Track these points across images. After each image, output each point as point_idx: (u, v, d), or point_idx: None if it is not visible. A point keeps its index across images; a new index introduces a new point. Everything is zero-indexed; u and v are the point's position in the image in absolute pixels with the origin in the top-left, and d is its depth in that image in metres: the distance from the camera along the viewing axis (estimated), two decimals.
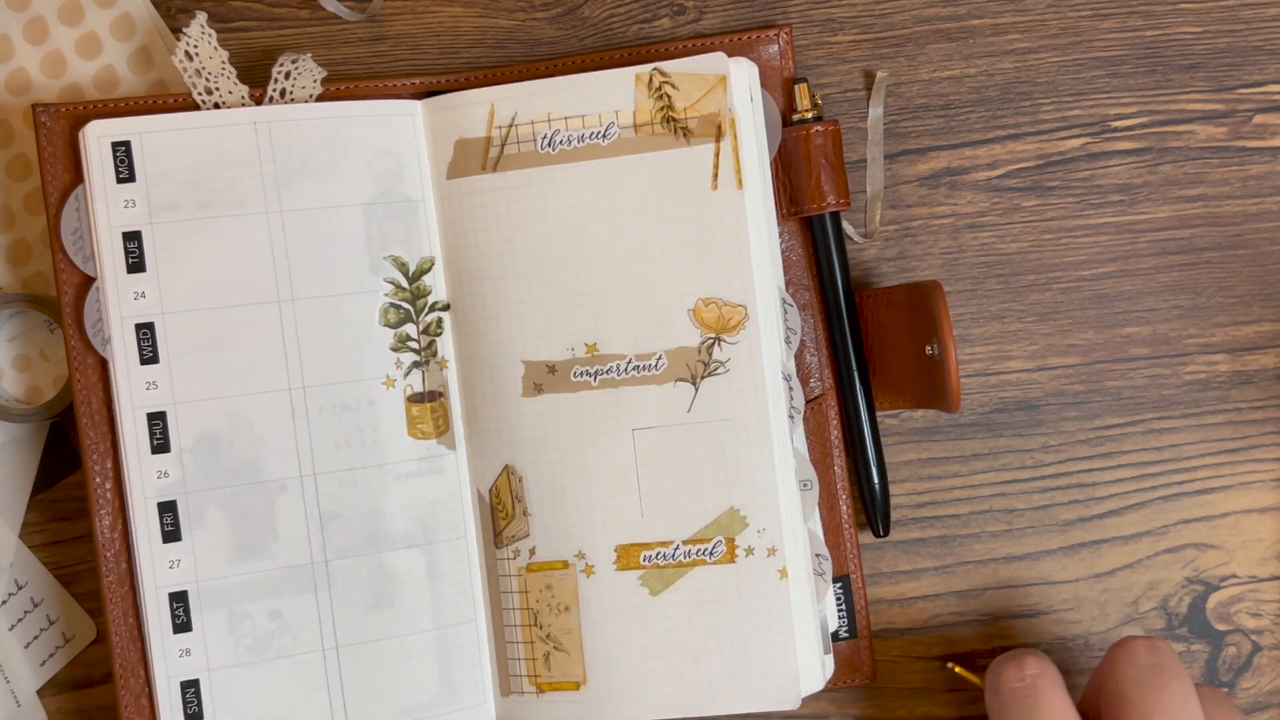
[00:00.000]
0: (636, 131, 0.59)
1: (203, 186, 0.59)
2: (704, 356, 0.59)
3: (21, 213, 0.62)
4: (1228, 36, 0.64)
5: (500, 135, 0.60)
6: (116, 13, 0.62)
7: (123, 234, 0.58)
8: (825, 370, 0.62)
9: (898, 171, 0.64)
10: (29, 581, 0.62)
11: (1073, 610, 0.64)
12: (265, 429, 0.59)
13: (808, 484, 0.60)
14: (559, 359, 0.60)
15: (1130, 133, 0.64)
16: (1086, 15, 0.64)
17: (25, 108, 0.62)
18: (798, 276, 0.62)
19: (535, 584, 0.60)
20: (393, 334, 0.60)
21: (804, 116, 0.62)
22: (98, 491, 0.59)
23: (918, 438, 0.64)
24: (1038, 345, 0.64)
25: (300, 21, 0.64)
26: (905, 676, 0.64)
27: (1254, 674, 0.64)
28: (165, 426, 0.58)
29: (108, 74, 0.63)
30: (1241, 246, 0.64)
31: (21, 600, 0.62)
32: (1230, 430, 0.64)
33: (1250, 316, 0.64)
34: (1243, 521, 0.64)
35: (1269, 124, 0.64)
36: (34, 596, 0.62)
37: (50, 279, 0.62)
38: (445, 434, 0.61)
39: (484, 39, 0.64)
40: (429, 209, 0.61)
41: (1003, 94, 0.64)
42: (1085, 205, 0.64)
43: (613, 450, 0.59)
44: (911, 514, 0.64)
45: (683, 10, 0.64)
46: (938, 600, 0.64)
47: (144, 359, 0.58)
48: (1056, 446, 0.64)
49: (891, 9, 0.64)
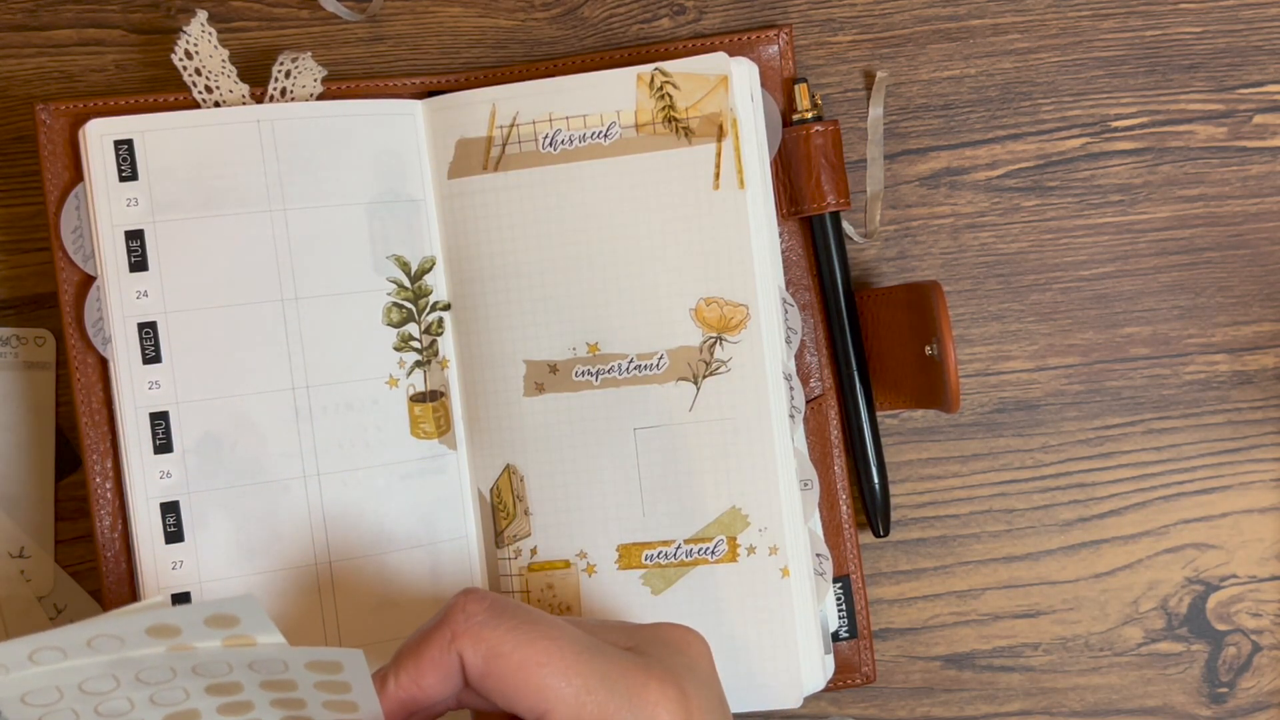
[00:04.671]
0: (638, 131, 0.59)
1: (205, 185, 0.59)
2: (705, 356, 0.59)
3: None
4: (1228, 36, 0.64)
5: (502, 135, 0.60)
6: None
7: (125, 233, 0.58)
8: (825, 370, 0.62)
9: (898, 171, 0.64)
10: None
11: (1073, 610, 0.64)
12: (269, 429, 0.59)
13: (808, 484, 0.60)
14: (560, 358, 0.60)
15: (1130, 133, 0.64)
16: (1086, 15, 0.64)
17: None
18: (798, 276, 0.62)
19: (537, 583, 0.60)
20: (395, 333, 0.60)
21: (804, 116, 0.62)
22: (98, 492, 0.59)
23: (918, 438, 0.64)
24: (1038, 345, 0.64)
25: (300, 21, 0.64)
26: (905, 676, 0.64)
27: (1254, 674, 0.64)
28: (168, 426, 0.58)
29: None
30: (1241, 246, 0.64)
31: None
32: (1230, 430, 0.64)
33: (1250, 316, 0.64)
34: (1243, 521, 0.64)
35: (1269, 124, 0.64)
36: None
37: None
38: (447, 434, 0.61)
39: (484, 39, 0.64)
40: (430, 209, 0.61)
41: (1003, 94, 0.64)
42: (1085, 205, 0.64)
43: (614, 450, 0.59)
44: (911, 514, 0.64)
45: (683, 10, 0.64)
46: (938, 600, 0.64)
47: (146, 358, 0.58)
48: (1056, 446, 0.64)
49: (891, 9, 0.64)
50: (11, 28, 0.64)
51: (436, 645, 0.44)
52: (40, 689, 0.40)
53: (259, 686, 0.42)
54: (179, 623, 0.39)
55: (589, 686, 0.42)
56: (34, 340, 0.63)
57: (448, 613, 0.44)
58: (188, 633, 0.39)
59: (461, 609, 0.44)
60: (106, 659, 0.39)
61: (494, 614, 0.44)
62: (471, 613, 0.44)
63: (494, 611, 0.44)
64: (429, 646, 0.44)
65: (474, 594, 0.45)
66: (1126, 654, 0.64)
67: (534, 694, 0.43)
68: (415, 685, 0.44)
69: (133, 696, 0.41)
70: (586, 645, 0.44)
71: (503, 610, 0.44)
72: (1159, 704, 0.64)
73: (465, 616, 0.44)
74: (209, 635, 0.39)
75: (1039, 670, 0.64)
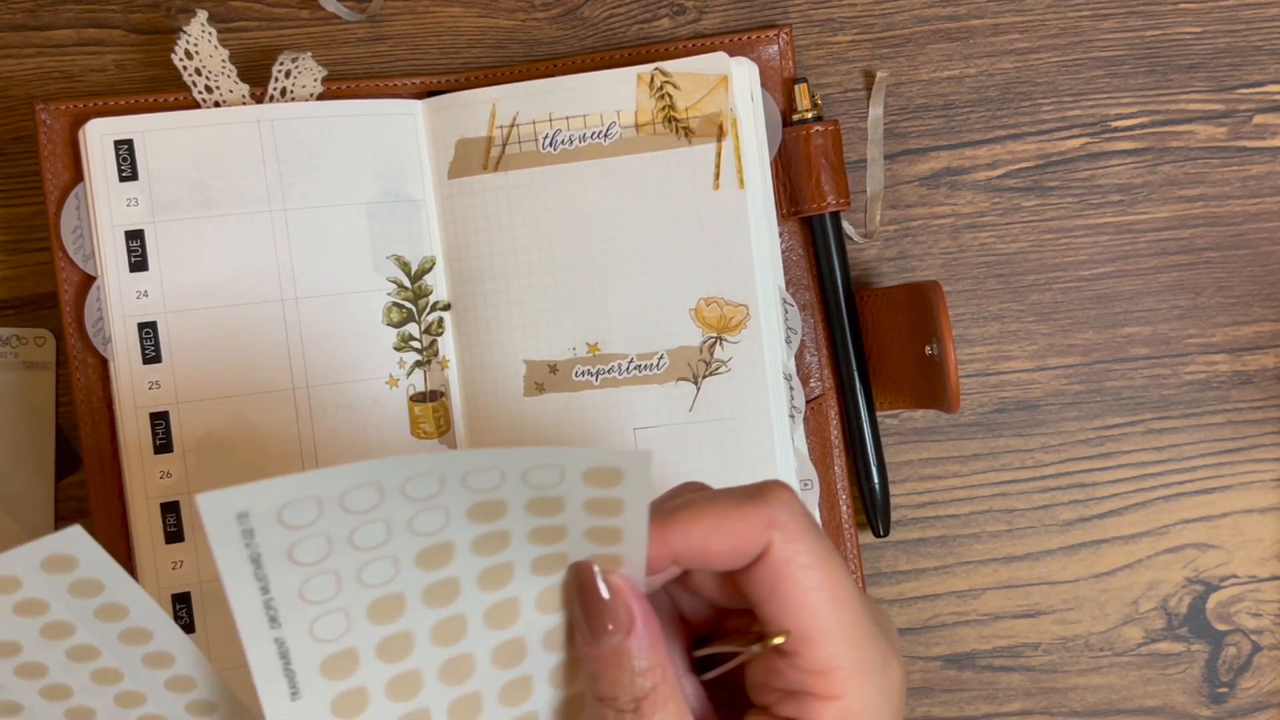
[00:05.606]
0: (638, 131, 0.59)
1: (205, 185, 0.59)
2: (705, 356, 0.59)
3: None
4: (1228, 36, 0.64)
5: (502, 135, 0.60)
6: None
7: (125, 232, 0.58)
8: (825, 370, 0.62)
9: (898, 171, 0.64)
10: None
11: (1073, 610, 0.64)
12: (269, 429, 0.59)
13: (808, 484, 0.60)
14: (560, 358, 0.60)
15: (1130, 133, 0.64)
16: (1086, 15, 0.64)
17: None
18: (798, 276, 0.62)
19: None
20: (395, 333, 0.60)
21: (804, 116, 0.62)
22: (98, 492, 0.59)
23: (918, 438, 0.64)
24: (1038, 345, 0.64)
25: (300, 21, 0.64)
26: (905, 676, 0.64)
27: (1254, 674, 0.64)
28: (168, 426, 0.58)
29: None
30: (1241, 246, 0.64)
31: None
32: (1230, 430, 0.64)
33: (1250, 316, 0.64)
34: (1243, 521, 0.64)
35: (1269, 124, 0.64)
36: None
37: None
38: (447, 434, 0.61)
39: (484, 39, 0.64)
40: (430, 209, 0.61)
41: (1003, 94, 0.64)
42: (1085, 205, 0.64)
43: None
44: (911, 514, 0.64)
45: (683, 10, 0.64)
46: (938, 600, 0.64)
47: (146, 358, 0.58)
48: (1056, 446, 0.64)
49: (891, 9, 0.64)
50: (11, 28, 0.64)
51: (749, 520, 0.40)
52: (298, 500, 0.36)
53: (524, 509, 0.39)
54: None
55: (857, 640, 0.40)
56: (34, 340, 0.63)
57: (767, 495, 0.40)
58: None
59: (785, 501, 0.40)
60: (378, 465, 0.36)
61: (810, 523, 0.41)
62: (795, 509, 0.40)
63: (810, 521, 0.41)
64: (740, 518, 0.40)
65: (792, 491, 0.41)
66: (1126, 654, 0.64)
67: (810, 618, 0.40)
68: (704, 544, 0.40)
69: (392, 519, 0.38)
70: (863, 600, 0.42)
71: (815, 524, 0.41)
72: (1159, 704, 0.64)
73: (789, 511, 0.40)
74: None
75: (1039, 670, 0.64)
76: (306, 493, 0.36)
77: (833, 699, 0.40)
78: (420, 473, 0.36)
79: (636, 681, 0.40)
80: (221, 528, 0.35)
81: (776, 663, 0.41)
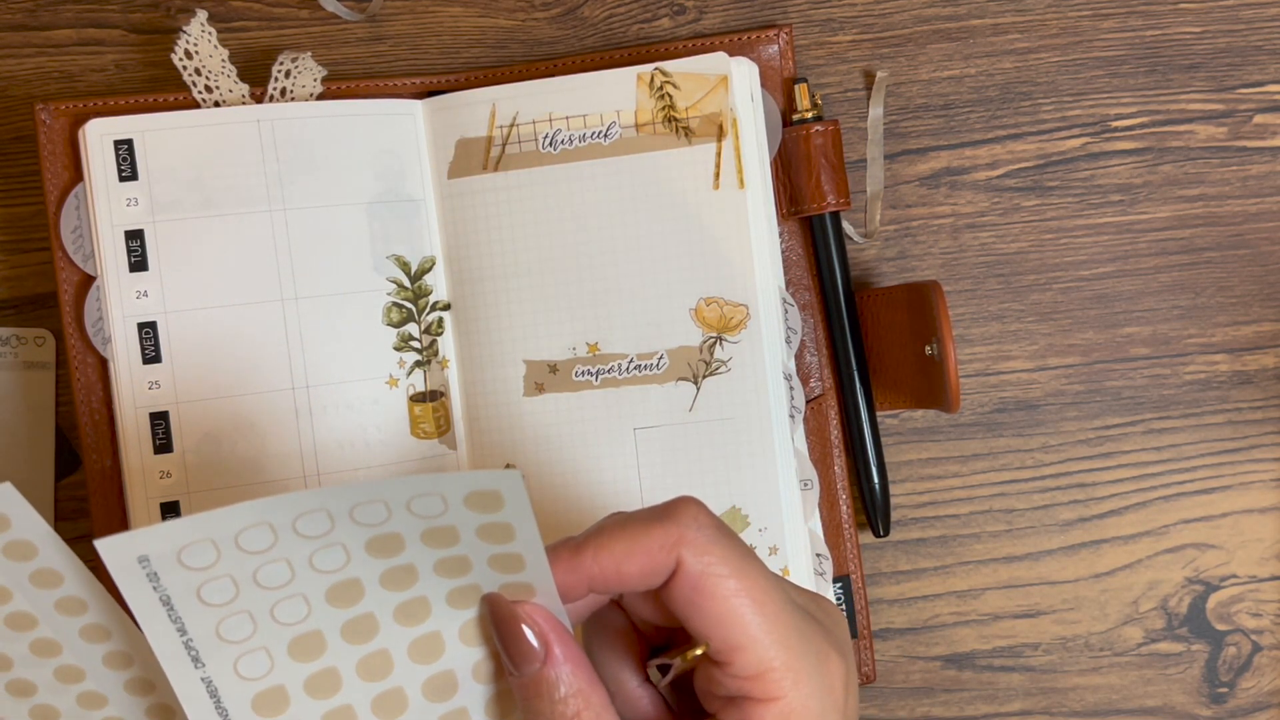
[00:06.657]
0: (638, 131, 0.59)
1: (205, 184, 0.59)
2: (705, 356, 0.59)
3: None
4: (1228, 36, 0.64)
5: (502, 135, 0.60)
6: None
7: (125, 232, 0.58)
8: (825, 370, 0.62)
9: (898, 171, 0.64)
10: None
11: (1073, 610, 0.64)
12: (269, 429, 0.59)
13: (808, 483, 0.60)
14: (560, 358, 0.60)
15: (1130, 133, 0.64)
16: (1086, 15, 0.64)
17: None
18: (798, 276, 0.62)
19: None
20: (395, 333, 0.60)
21: (804, 116, 0.62)
22: (98, 492, 0.59)
23: (918, 438, 0.64)
24: (1038, 345, 0.64)
25: (300, 21, 0.64)
26: (905, 676, 0.64)
27: (1254, 674, 0.64)
28: (168, 426, 0.58)
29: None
30: (1241, 246, 0.64)
31: None
32: (1230, 430, 0.64)
33: (1250, 316, 0.64)
34: (1243, 521, 0.64)
35: (1269, 124, 0.64)
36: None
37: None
38: (447, 434, 0.61)
39: (484, 39, 0.64)
40: (430, 208, 0.61)
41: (1003, 94, 0.64)
42: (1085, 205, 0.64)
43: (614, 449, 0.59)
44: (911, 514, 0.64)
45: (683, 10, 0.64)
46: (938, 600, 0.64)
47: (146, 358, 0.58)
48: (1056, 446, 0.64)
49: (891, 9, 0.64)
50: (11, 28, 0.64)
51: (658, 540, 0.41)
52: (194, 543, 0.37)
53: (420, 541, 0.39)
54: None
55: (785, 640, 0.40)
56: (34, 340, 0.63)
57: (675, 513, 0.41)
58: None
59: (693, 516, 0.41)
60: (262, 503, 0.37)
61: (721, 533, 0.41)
62: (703, 523, 0.41)
63: (721, 531, 0.41)
64: (648, 538, 0.41)
65: (701, 505, 0.42)
66: (1126, 654, 0.64)
67: (733, 626, 0.40)
68: (616, 568, 0.41)
69: (292, 558, 0.38)
70: (789, 598, 0.42)
71: (727, 533, 0.41)
72: (1159, 704, 0.64)
73: (697, 525, 0.41)
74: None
75: (1039, 670, 0.64)
76: (200, 534, 0.36)
77: (771, 700, 0.40)
78: (307, 509, 0.37)
79: (557, 709, 0.41)
80: (125, 571, 0.36)
81: (713, 671, 0.41)
